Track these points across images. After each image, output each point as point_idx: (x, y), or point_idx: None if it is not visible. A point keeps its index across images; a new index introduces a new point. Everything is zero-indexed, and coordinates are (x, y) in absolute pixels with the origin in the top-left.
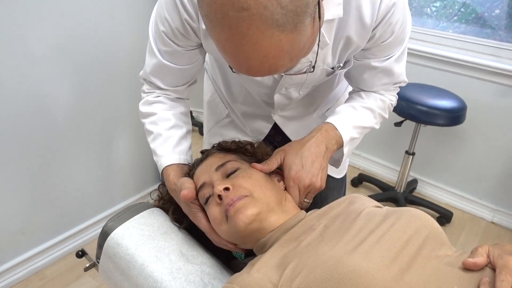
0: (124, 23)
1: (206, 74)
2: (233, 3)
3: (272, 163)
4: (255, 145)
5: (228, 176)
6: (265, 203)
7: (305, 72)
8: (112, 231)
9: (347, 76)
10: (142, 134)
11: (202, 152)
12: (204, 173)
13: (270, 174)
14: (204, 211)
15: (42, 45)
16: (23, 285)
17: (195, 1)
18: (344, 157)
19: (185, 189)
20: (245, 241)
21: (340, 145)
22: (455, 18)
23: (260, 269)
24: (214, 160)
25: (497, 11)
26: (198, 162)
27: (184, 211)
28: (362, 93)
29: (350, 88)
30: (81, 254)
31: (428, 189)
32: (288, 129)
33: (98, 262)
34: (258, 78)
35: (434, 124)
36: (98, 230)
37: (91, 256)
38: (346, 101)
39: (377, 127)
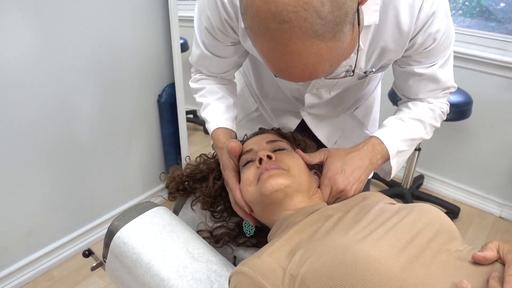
0: (135, 34)
1: None
2: (274, 16)
3: (314, 157)
4: (308, 144)
5: (274, 151)
6: (297, 182)
7: (345, 76)
8: (118, 230)
9: (394, 85)
10: (149, 136)
11: (260, 128)
12: (255, 142)
13: (309, 169)
14: (238, 173)
15: (70, 56)
16: (32, 286)
17: (235, 2)
18: (393, 170)
19: (233, 142)
20: (263, 210)
21: (386, 159)
22: (459, 12)
23: (271, 253)
24: (268, 136)
25: (502, 5)
26: (253, 135)
27: (221, 166)
28: (410, 104)
29: (379, 88)
30: (87, 253)
31: (434, 185)
32: (315, 126)
33: (105, 262)
34: None
35: None
36: (105, 230)
37: (97, 256)
38: (394, 114)
39: (428, 137)
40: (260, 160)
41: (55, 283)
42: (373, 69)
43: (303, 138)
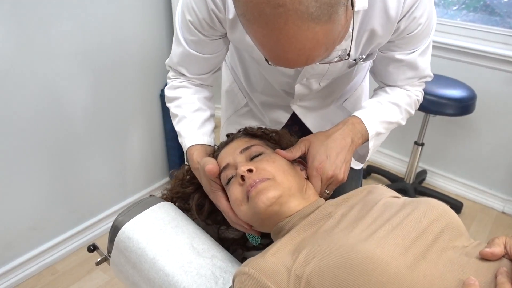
0: (137, 25)
1: (225, 63)
2: (268, 1)
3: (296, 151)
4: (280, 134)
5: (252, 159)
6: (286, 188)
7: (340, 60)
8: (123, 225)
9: (373, 71)
10: (152, 130)
11: (228, 135)
12: (229, 155)
13: (292, 162)
14: (224, 191)
15: (63, 44)
16: (35, 280)
17: None
18: (369, 152)
19: (209, 164)
20: (262, 223)
21: (365, 140)
22: (462, 6)
23: (275, 253)
24: (240, 143)
25: None
26: (223, 145)
27: (204, 189)
28: (388, 89)
29: (367, 79)
30: (92, 248)
31: (437, 180)
32: (306, 119)
33: (109, 256)
34: (281, 68)
35: (444, 114)
36: (109, 224)
37: (102, 251)
38: (372, 97)
39: (403, 123)
40: (242, 176)
41: (58, 277)
42: (363, 56)
43: (273, 129)
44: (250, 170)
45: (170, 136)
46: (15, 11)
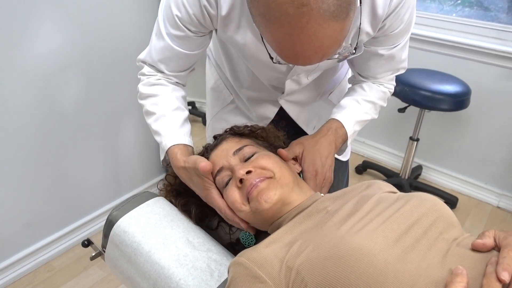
0: (129, 22)
1: (209, 60)
2: (292, 0)
3: (292, 153)
4: (267, 129)
5: (246, 160)
6: (285, 184)
7: (348, 55)
8: (118, 220)
9: (351, 61)
10: (147, 127)
11: (215, 137)
12: (221, 158)
13: None
14: (217, 188)
15: (55, 41)
16: (32, 277)
17: None
18: (348, 149)
19: (202, 162)
20: (263, 221)
21: (344, 140)
22: (458, 1)
23: (269, 245)
24: (231, 145)
25: None
26: (212, 147)
27: (196, 188)
28: (364, 86)
29: (350, 72)
30: (87, 243)
31: (433, 175)
32: (294, 113)
33: (104, 251)
34: (273, 65)
35: (438, 109)
36: (104, 221)
37: (97, 245)
38: (349, 94)
39: (376, 117)
40: (241, 180)
41: (55, 274)
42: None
43: (260, 126)
44: (248, 172)
45: None
46: (7, 7)
